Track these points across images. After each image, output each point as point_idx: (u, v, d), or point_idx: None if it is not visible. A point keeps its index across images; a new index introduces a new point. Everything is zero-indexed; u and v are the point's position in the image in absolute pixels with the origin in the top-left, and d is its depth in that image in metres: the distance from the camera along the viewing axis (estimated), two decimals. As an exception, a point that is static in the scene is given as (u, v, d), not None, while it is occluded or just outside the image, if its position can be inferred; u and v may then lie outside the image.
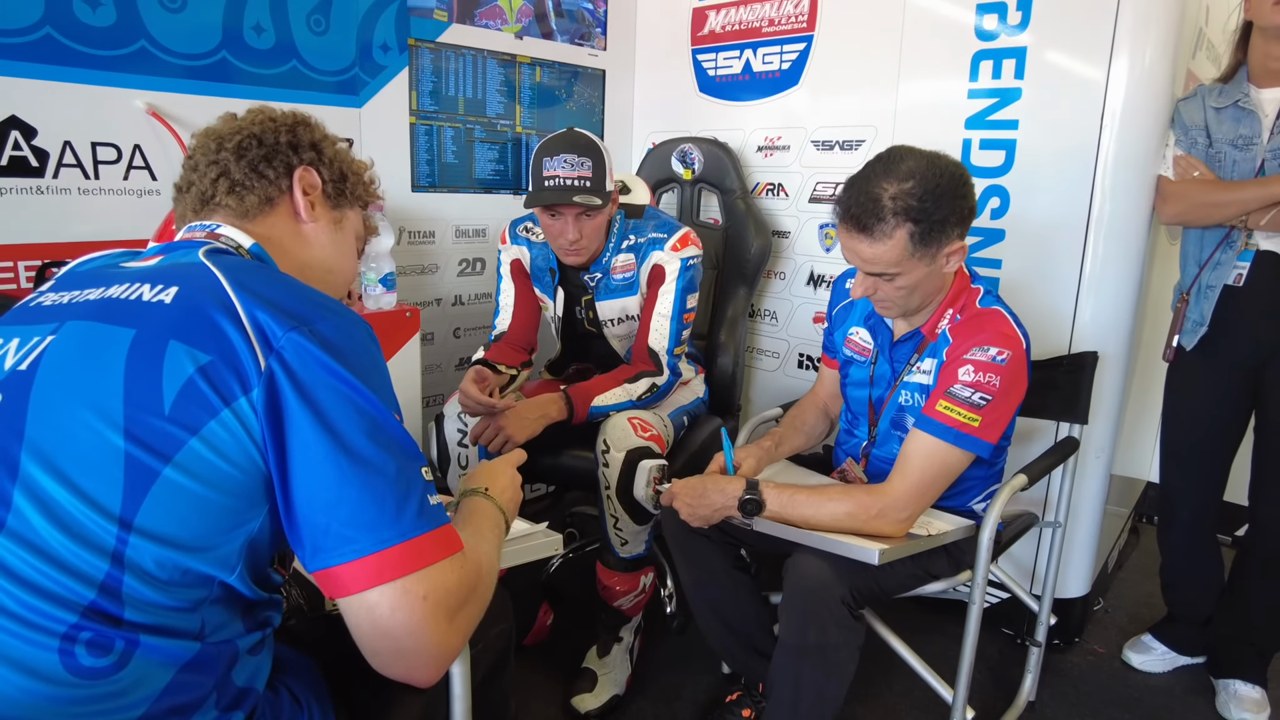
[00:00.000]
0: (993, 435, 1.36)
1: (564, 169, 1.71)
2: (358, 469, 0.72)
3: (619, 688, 1.81)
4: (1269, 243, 1.69)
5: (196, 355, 0.71)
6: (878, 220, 1.30)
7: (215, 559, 0.72)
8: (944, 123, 2.02)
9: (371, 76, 2.14)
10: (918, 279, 1.36)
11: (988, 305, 1.43)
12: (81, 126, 1.70)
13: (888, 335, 1.54)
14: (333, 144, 1.00)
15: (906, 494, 1.34)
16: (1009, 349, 1.35)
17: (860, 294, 1.42)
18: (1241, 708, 1.83)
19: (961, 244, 1.37)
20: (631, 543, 1.79)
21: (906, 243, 1.31)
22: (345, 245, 1.00)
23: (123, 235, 1.76)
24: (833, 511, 1.34)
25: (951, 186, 1.31)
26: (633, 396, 1.80)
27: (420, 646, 0.74)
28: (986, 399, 1.33)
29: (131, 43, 1.73)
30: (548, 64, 2.53)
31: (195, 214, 0.93)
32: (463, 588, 0.78)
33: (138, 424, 0.69)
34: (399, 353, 1.86)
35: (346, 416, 0.73)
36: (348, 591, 0.72)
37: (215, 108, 1.86)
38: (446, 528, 0.77)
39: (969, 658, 1.47)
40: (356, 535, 0.71)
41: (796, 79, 2.34)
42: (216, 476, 0.71)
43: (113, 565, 0.68)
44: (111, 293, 0.78)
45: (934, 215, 1.29)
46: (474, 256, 2.47)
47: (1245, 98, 1.70)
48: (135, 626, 0.68)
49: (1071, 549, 1.99)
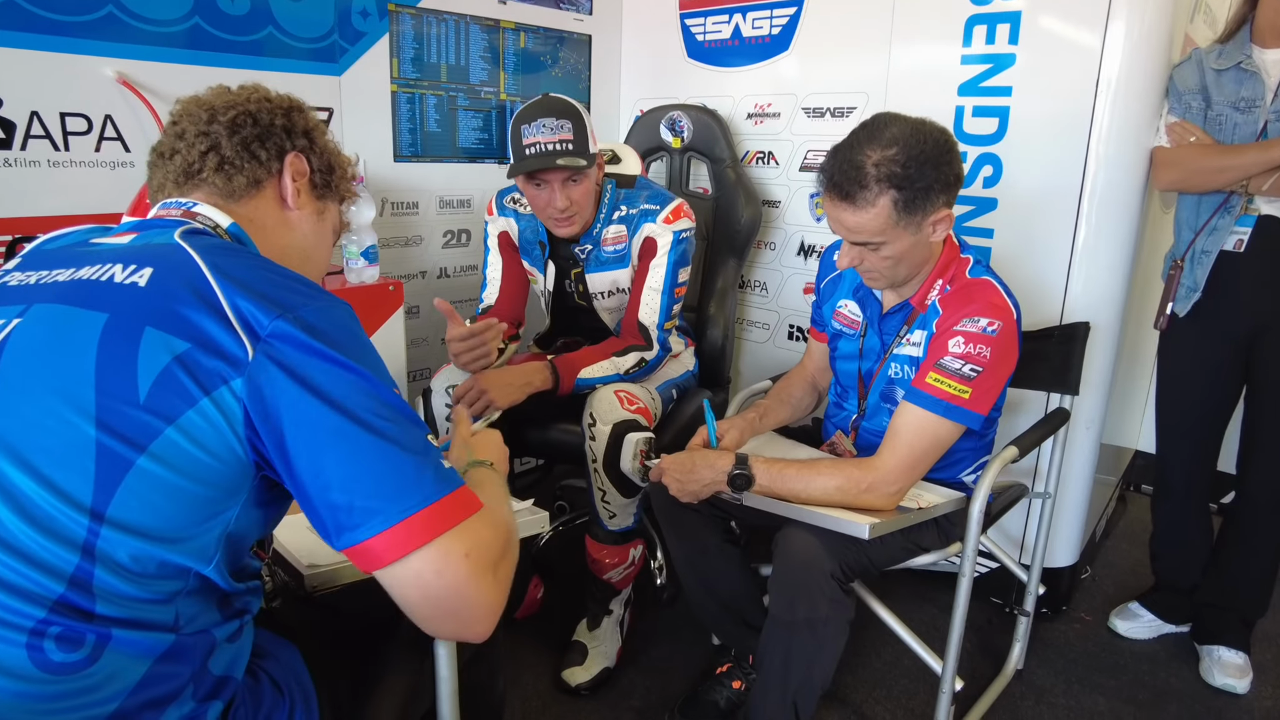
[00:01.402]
0: (983, 407, 1.34)
1: (544, 134, 1.66)
2: (373, 442, 0.71)
3: (609, 660, 1.82)
4: (1270, 207, 1.67)
5: (173, 343, 0.69)
6: (861, 188, 1.28)
7: (191, 550, 0.71)
8: (937, 89, 1.98)
9: (351, 43, 2.08)
10: (903, 249, 1.34)
11: (978, 275, 1.41)
12: (49, 96, 1.65)
13: (877, 307, 1.52)
14: (323, 133, 0.98)
15: (897, 467, 1.33)
16: (1000, 320, 1.33)
17: (846, 265, 1.40)
18: (1225, 673, 1.85)
19: (948, 212, 1.34)
20: (620, 516, 1.78)
21: (890, 210, 1.29)
22: (324, 236, 0.99)
23: (96, 209, 1.71)
24: (823, 486, 1.33)
25: (936, 153, 1.29)
26: (620, 370, 1.78)
27: (472, 604, 0.75)
28: (977, 370, 1.32)
29: (99, 8, 1.67)
30: (532, 29, 2.47)
31: (177, 186, 0.89)
32: (498, 541, 0.79)
33: (110, 412, 0.67)
34: (382, 327, 1.83)
35: (349, 395, 0.72)
36: (383, 562, 0.72)
37: (188, 76, 1.84)
38: (464, 489, 0.77)
39: (958, 630, 1.47)
40: (382, 506, 0.71)
41: (787, 44, 2.29)
42: (193, 466, 0.69)
43: (83, 558, 0.66)
44: (82, 274, 0.75)
45: (918, 182, 1.27)
46: (459, 228, 2.43)
47: (1248, 59, 1.67)
48: (107, 620, 0.67)
49: (1061, 519, 2.00)
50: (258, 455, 0.72)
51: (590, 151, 1.70)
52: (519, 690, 1.76)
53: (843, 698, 1.78)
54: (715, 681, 1.71)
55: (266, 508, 0.77)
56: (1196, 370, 1.83)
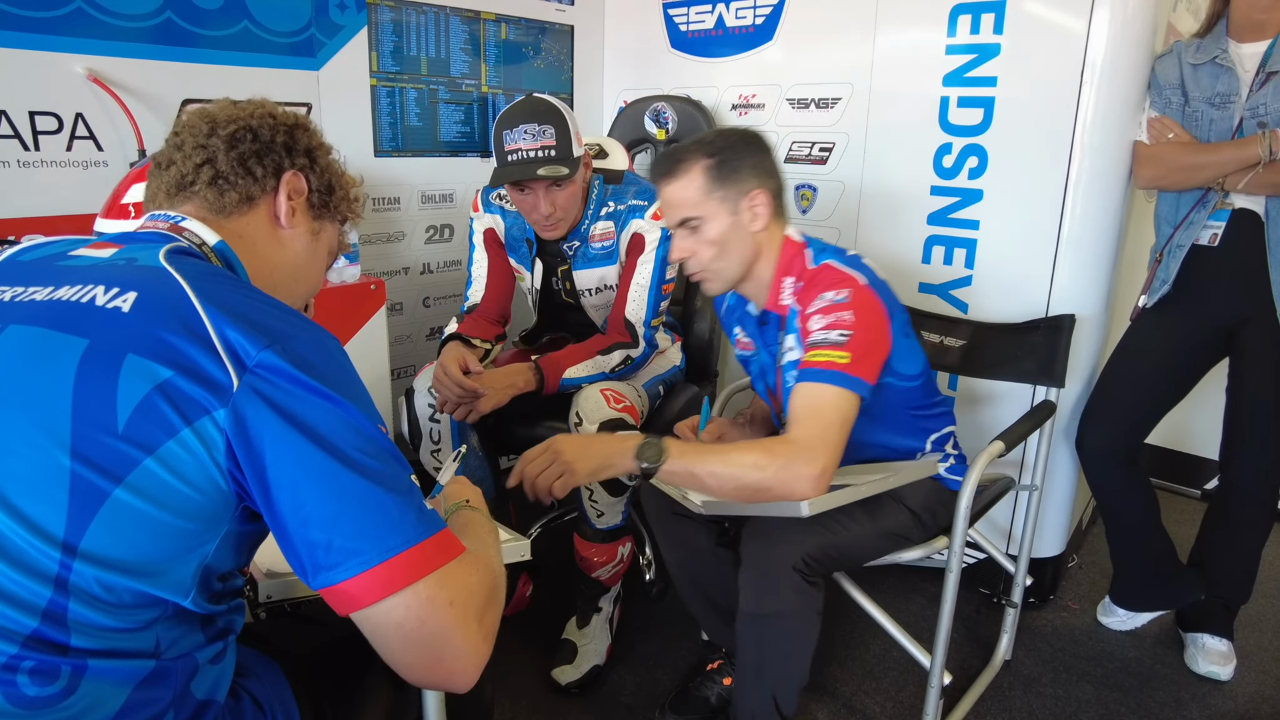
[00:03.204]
0: (866, 371, 1.29)
1: (525, 140, 1.64)
2: (356, 481, 0.69)
3: (599, 658, 1.81)
4: (1245, 201, 1.67)
5: (156, 371, 0.67)
6: (677, 162, 1.38)
7: (168, 583, 0.69)
8: (922, 79, 1.97)
9: (329, 37, 2.05)
10: (724, 229, 1.37)
11: (819, 263, 1.39)
12: (18, 94, 1.61)
13: (754, 323, 1.52)
14: (326, 153, 0.96)
15: (808, 439, 1.25)
16: (845, 286, 1.33)
17: (676, 256, 1.42)
18: (1209, 660, 1.86)
19: (764, 195, 1.38)
20: (608, 514, 1.77)
21: (703, 178, 1.35)
22: (317, 257, 0.96)
23: (68, 210, 1.68)
24: (739, 460, 1.26)
25: (750, 140, 1.40)
26: (605, 369, 1.77)
27: (457, 653, 0.72)
28: (846, 334, 1.29)
29: (67, 3, 1.63)
30: (513, 20, 2.43)
31: (168, 198, 0.87)
32: (483, 587, 0.76)
33: (87, 442, 0.65)
34: (364, 327, 1.81)
35: (336, 430, 0.70)
36: (360, 605, 0.69)
37: (162, 73, 1.80)
38: (447, 531, 0.74)
39: (946, 625, 1.48)
40: (362, 547, 0.68)
41: (771, 34, 2.27)
42: (172, 498, 0.67)
43: (56, 591, 0.64)
44: (61, 294, 0.72)
45: (729, 157, 1.36)
46: (441, 223, 2.40)
47: (1223, 53, 1.66)
48: (83, 652, 0.65)
49: (1047, 510, 2.01)
50: (238, 486, 0.70)
51: (574, 156, 1.68)
52: (508, 690, 1.75)
53: (832, 690, 1.78)
54: (706, 678, 1.72)
55: (246, 540, 0.75)
56: (1145, 347, 1.81)
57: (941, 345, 1.86)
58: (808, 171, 2.26)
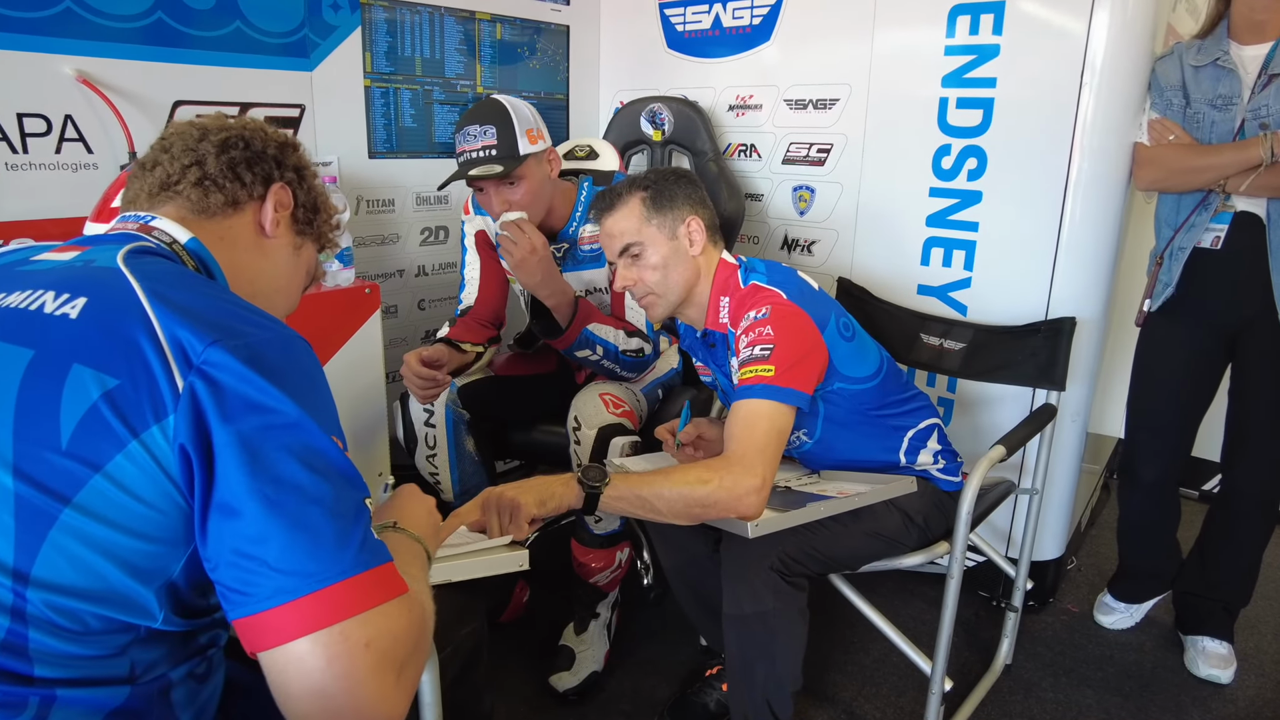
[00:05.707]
0: (797, 381, 1.31)
1: (469, 142, 1.67)
2: (287, 499, 0.62)
3: (597, 664, 1.80)
4: (1246, 203, 1.66)
5: (104, 379, 0.62)
6: (616, 197, 1.46)
7: (133, 608, 0.64)
8: (920, 80, 1.96)
9: (322, 37, 2.02)
10: (664, 255, 1.43)
11: (747, 284, 1.44)
12: (5, 95, 1.58)
13: (704, 346, 1.57)
14: (314, 175, 0.95)
15: (743, 453, 1.27)
16: (765, 303, 1.38)
17: (620, 285, 1.48)
18: (1209, 663, 1.86)
19: (700, 223, 1.45)
20: (605, 520, 1.76)
21: (640, 207, 1.44)
22: (298, 272, 0.94)
23: (57, 213, 1.65)
24: (683, 478, 1.26)
25: (681, 174, 1.50)
26: (620, 346, 1.75)
27: (360, 706, 0.61)
28: (768, 348, 1.33)
29: (56, 3, 1.60)
30: (508, 20, 2.41)
31: (149, 199, 0.85)
32: (410, 636, 0.66)
33: (30, 460, 0.60)
34: (359, 331, 1.78)
35: (273, 439, 0.63)
36: (272, 643, 0.61)
37: (153, 74, 1.78)
38: (389, 566, 0.66)
39: (947, 631, 1.46)
40: (287, 576, 0.61)
41: (768, 34, 2.25)
42: (126, 518, 0.62)
43: (13, 621, 0.60)
44: (11, 301, 0.68)
45: (663, 188, 1.45)
46: (436, 225, 2.38)
47: (1225, 55, 1.65)
48: (50, 682, 0.62)
49: (1047, 513, 2.00)
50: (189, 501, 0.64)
51: (519, 153, 1.66)
52: (505, 697, 1.73)
53: (831, 696, 1.77)
54: (704, 684, 1.71)
55: None
56: (1168, 364, 1.83)
57: (941, 348, 1.85)
58: (805, 173, 2.24)
